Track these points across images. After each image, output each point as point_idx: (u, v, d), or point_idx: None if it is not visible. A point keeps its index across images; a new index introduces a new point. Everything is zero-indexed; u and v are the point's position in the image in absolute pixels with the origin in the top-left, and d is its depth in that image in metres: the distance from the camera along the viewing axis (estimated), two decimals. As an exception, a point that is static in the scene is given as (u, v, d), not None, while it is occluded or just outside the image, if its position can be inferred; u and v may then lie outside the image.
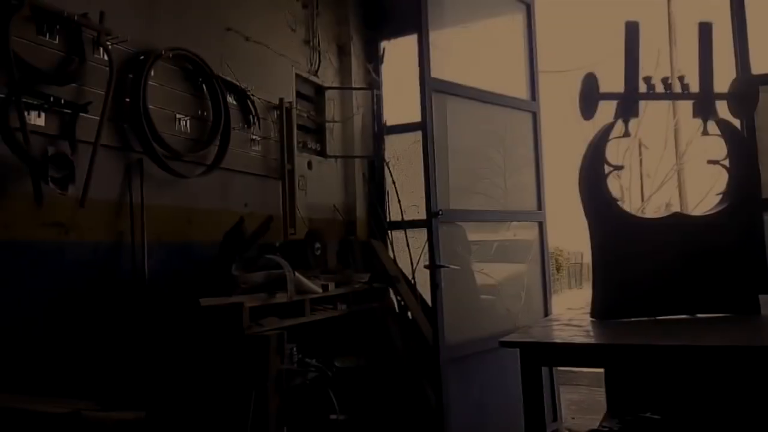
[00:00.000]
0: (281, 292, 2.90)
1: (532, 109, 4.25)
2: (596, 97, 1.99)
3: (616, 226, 1.95)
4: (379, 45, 5.00)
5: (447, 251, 3.62)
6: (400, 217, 4.80)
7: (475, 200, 4.17)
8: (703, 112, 2.02)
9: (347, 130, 4.77)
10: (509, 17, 4.34)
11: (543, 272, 4.24)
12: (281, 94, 3.99)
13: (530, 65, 4.28)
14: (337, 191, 4.65)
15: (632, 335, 1.72)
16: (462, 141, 4.04)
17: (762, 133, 3.67)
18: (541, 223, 4.25)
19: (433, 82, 3.55)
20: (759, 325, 1.80)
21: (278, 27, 4.14)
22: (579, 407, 4.69)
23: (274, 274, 2.91)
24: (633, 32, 1.99)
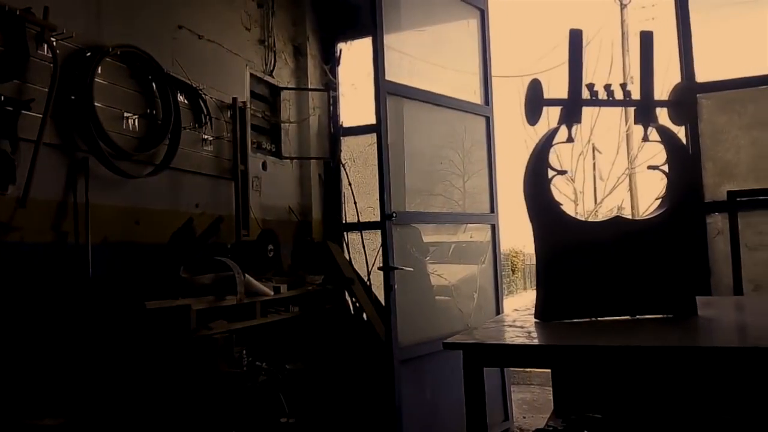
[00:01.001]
0: (231, 295, 2.87)
1: (485, 114, 4.31)
2: (541, 102, 2.03)
3: (559, 230, 1.99)
4: (336, 46, 4.99)
5: (401, 253, 3.64)
6: (356, 218, 4.80)
7: (434, 202, 4.20)
8: (644, 119, 2.08)
9: (303, 131, 4.75)
10: (464, 22, 4.39)
11: (495, 273, 4.30)
12: (235, 94, 3.95)
13: (484, 70, 4.34)
14: (292, 192, 4.62)
15: (571, 336, 1.75)
16: (420, 143, 4.07)
17: (705, 139, 3.82)
18: (493, 225, 4.31)
19: (388, 84, 3.57)
20: (693, 326, 1.86)
21: (233, 26, 4.09)
22: (531, 406, 4.77)
23: (223, 275, 2.87)
24: (576, 40, 2.03)
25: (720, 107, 3.79)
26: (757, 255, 3.64)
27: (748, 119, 3.77)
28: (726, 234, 3.63)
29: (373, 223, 4.58)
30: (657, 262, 1.99)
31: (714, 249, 3.71)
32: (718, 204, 3.70)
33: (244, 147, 3.93)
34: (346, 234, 4.88)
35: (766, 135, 3.73)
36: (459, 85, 4.26)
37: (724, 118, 3.78)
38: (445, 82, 4.14)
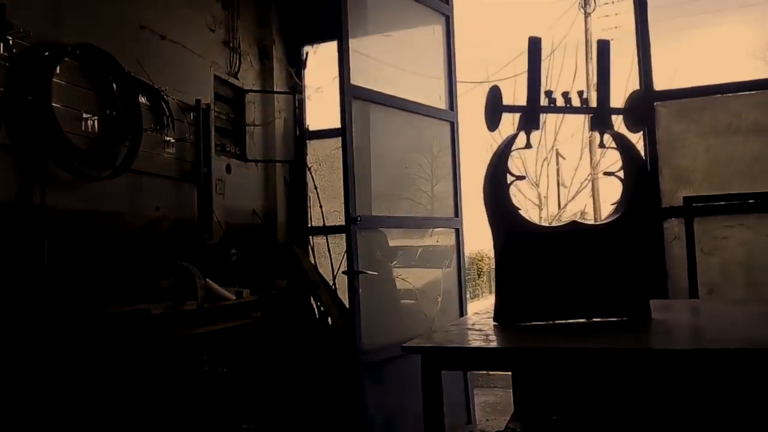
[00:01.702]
0: (190, 300, 2.83)
1: (450, 119, 4.35)
2: (500, 109, 2.06)
3: (517, 235, 2.01)
4: (302, 50, 4.98)
5: (366, 257, 3.64)
6: (322, 222, 4.80)
7: (402, 206, 4.22)
8: (600, 126, 2.13)
9: (268, 134, 4.72)
10: (430, 28, 4.42)
11: (459, 277, 4.33)
12: (198, 96, 3.90)
13: (449, 75, 4.38)
14: (257, 195, 4.59)
15: (527, 339, 1.78)
16: (388, 147, 4.09)
17: (662, 146, 3.92)
18: (457, 229, 4.35)
19: (353, 89, 3.58)
20: (646, 328, 1.91)
21: (197, 27, 4.05)
22: (494, 409, 4.82)
23: (182, 280, 2.83)
24: (535, 48, 2.07)
25: (677, 115, 3.90)
26: (711, 259, 3.75)
27: (704, 127, 3.88)
28: (682, 239, 3.73)
29: (339, 227, 4.58)
30: (612, 267, 2.03)
31: (671, 253, 3.81)
32: (675, 209, 3.80)
33: (208, 149, 3.89)
34: (311, 238, 4.87)
35: (721, 142, 3.85)
36: (424, 89, 4.29)
37: (681, 126, 3.89)
38: (411, 87, 4.17)
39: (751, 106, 3.82)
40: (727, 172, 3.80)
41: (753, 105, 3.82)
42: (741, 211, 3.72)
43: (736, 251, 3.74)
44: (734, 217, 3.74)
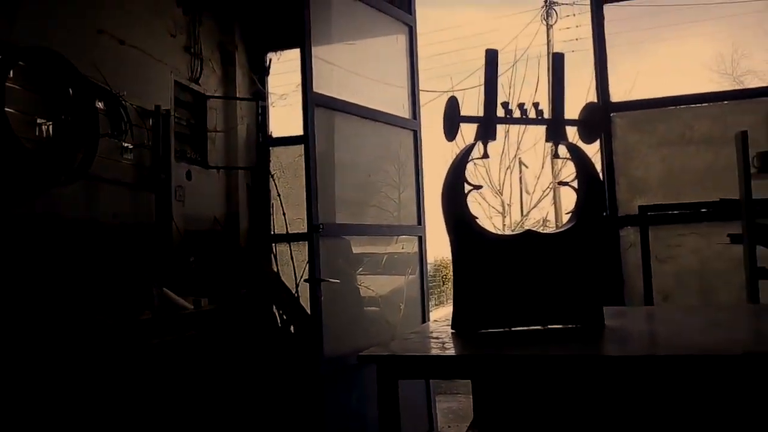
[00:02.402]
0: (146, 309, 2.78)
1: (413, 127, 4.38)
2: (457, 119, 2.08)
3: (474, 243, 2.04)
4: (266, 56, 4.96)
5: (330, 265, 3.64)
6: (285, 230, 4.77)
7: (369, 213, 4.23)
8: (555, 137, 2.17)
9: (231, 141, 4.68)
10: (393, 37, 4.46)
11: (422, 284, 4.36)
12: (158, 101, 3.85)
13: (412, 85, 4.42)
14: (218, 203, 4.54)
15: (482, 346, 1.80)
16: (354, 155, 4.09)
17: (618, 157, 4.02)
18: (420, 237, 4.38)
19: (317, 96, 3.58)
20: (599, 336, 1.95)
21: (157, 32, 4.00)
22: (456, 415, 4.84)
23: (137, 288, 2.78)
24: (492, 60, 2.10)
25: (633, 126, 4.01)
26: (666, 267, 3.85)
27: (659, 138, 4.00)
28: (638, 246, 3.82)
29: (302, 234, 4.55)
30: (565, 274, 2.07)
31: (627, 261, 3.90)
32: (631, 218, 3.90)
33: (167, 155, 3.83)
34: (274, 245, 4.84)
35: (675, 153, 3.97)
36: (388, 98, 4.32)
37: (637, 137, 4.00)
38: (375, 95, 4.19)
39: (702, 117, 3.95)
40: (680, 181, 3.92)
41: (704, 117, 3.95)
42: (694, 219, 3.84)
43: (689, 258, 3.85)
44: (687, 225, 3.85)
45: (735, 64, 15.32)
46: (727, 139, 3.74)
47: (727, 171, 3.74)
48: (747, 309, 3.09)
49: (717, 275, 3.77)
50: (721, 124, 3.93)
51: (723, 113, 4.00)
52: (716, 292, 3.78)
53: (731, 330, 2.11)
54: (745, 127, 3.69)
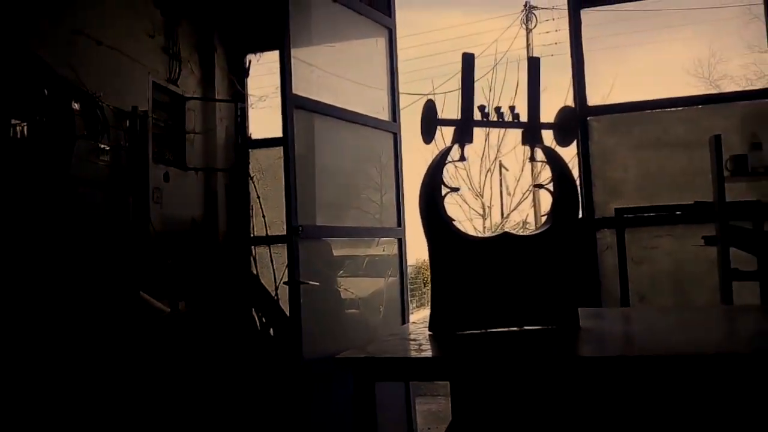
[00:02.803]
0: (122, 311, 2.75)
1: (392, 130, 4.39)
2: (434, 122, 2.09)
3: (450, 245, 2.05)
4: (245, 58, 4.94)
5: (309, 267, 3.62)
6: (265, 232, 4.75)
7: (351, 215, 4.23)
8: (531, 140, 2.19)
9: (209, 142, 4.66)
10: (373, 40, 4.46)
11: (401, 287, 4.37)
12: (136, 103, 3.82)
13: (391, 87, 4.43)
14: (197, 205, 4.51)
15: (458, 348, 1.81)
16: (335, 157, 4.09)
17: (595, 159, 4.06)
18: (400, 239, 4.38)
19: (296, 98, 3.57)
20: (573, 336, 1.97)
21: (135, 33, 3.97)
22: (436, 417, 4.86)
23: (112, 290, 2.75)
24: (468, 64, 2.12)
25: (609, 129, 4.05)
26: (642, 268, 3.90)
27: (634, 141, 4.06)
28: (614, 248, 3.87)
29: (282, 236, 4.54)
30: (541, 276, 2.09)
31: (603, 263, 3.95)
32: (607, 220, 3.94)
33: (144, 157, 3.80)
34: (253, 248, 4.81)
35: (650, 156, 4.03)
36: (368, 100, 4.32)
37: (613, 140, 4.05)
38: (356, 98, 4.19)
39: (677, 121, 4.02)
40: (656, 184, 3.98)
41: (679, 120, 4.01)
42: (669, 222, 3.89)
43: (664, 260, 3.90)
44: (663, 227, 3.91)
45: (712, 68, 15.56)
46: (702, 143, 3.80)
47: (701, 174, 3.80)
48: (720, 310, 3.14)
49: (692, 276, 3.83)
50: (696, 128, 3.99)
51: (698, 117, 4.07)
52: (691, 293, 3.84)
53: (704, 330, 2.15)
54: (720, 130, 3.76)
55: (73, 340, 2.48)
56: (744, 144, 3.90)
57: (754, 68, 6.09)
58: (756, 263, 3.34)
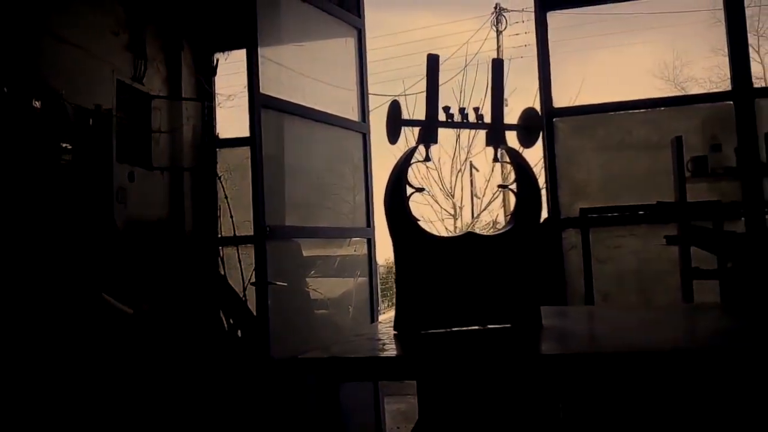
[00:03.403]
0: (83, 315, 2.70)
1: (362, 130, 4.39)
2: (400, 123, 2.10)
3: (415, 245, 2.06)
4: (213, 56, 4.89)
5: (278, 268, 3.61)
6: (233, 232, 4.71)
7: (324, 215, 4.22)
8: (494, 141, 2.22)
9: (176, 142, 4.60)
10: (342, 40, 4.46)
11: (371, 286, 4.38)
12: (99, 101, 3.75)
13: (361, 88, 4.43)
14: (163, 205, 4.45)
15: (421, 347, 1.82)
16: (306, 157, 4.07)
17: (561, 160, 4.12)
18: (369, 239, 4.39)
19: (264, 98, 3.55)
20: (536, 335, 2.00)
21: (99, 30, 3.90)
22: (405, 417, 4.87)
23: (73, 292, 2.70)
24: (433, 65, 2.13)
25: (574, 131, 4.12)
26: (606, 267, 3.97)
27: (599, 142, 4.13)
28: (579, 248, 3.93)
29: (250, 237, 4.50)
30: (504, 276, 2.11)
31: (569, 262, 4.01)
32: (572, 220, 4.00)
33: (108, 156, 3.74)
34: (221, 248, 4.77)
35: (614, 157, 4.10)
36: (338, 101, 4.32)
37: (578, 141, 4.11)
38: (325, 97, 4.19)
39: (640, 123, 4.10)
40: (620, 185, 4.05)
41: (642, 122, 4.10)
42: (632, 222, 3.97)
43: (628, 259, 3.98)
44: (626, 227, 3.98)
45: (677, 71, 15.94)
46: (665, 144, 3.89)
47: (664, 175, 3.89)
48: (681, 308, 3.21)
49: (654, 275, 3.91)
50: (659, 130, 4.08)
51: (661, 119, 4.16)
52: (653, 292, 3.92)
53: (664, 328, 2.19)
54: (682, 132, 3.85)
55: (33, 342, 2.43)
56: (705, 145, 3.99)
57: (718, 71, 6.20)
58: (716, 262, 3.43)
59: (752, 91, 3.99)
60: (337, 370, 1.66)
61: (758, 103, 3.96)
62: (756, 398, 1.74)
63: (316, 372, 1.64)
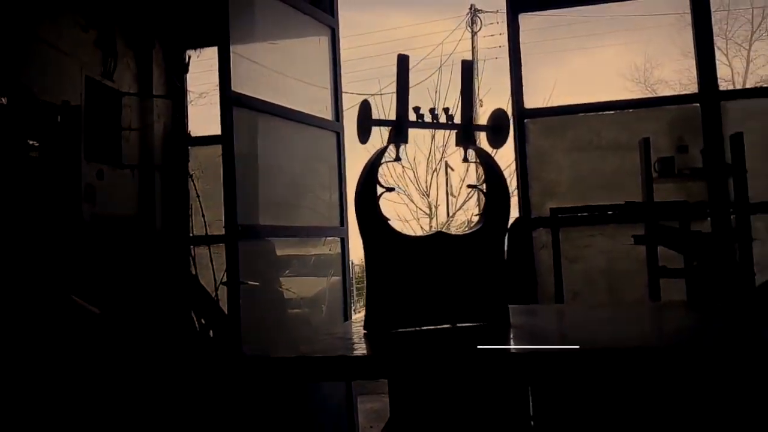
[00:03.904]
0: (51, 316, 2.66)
1: (336, 129, 4.39)
2: (370, 122, 2.11)
3: (385, 244, 2.07)
4: (185, 53, 4.84)
5: (251, 267, 3.58)
6: (204, 231, 4.67)
7: (300, 214, 4.20)
8: (464, 142, 2.24)
9: (147, 139, 4.54)
10: (316, 39, 4.45)
11: (344, 285, 4.38)
12: (68, 97, 3.69)
13: (334, 87, 4.43)
14: (133, 203, 4.39)
15: (390, 346, 1.83)
16: (279, 156, 4.04)
17: (531, 161, 4.17)
18: (343, 238, 4.39)
19: (236, 96, 3.52)
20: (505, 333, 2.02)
21: (67, 26, 3.83)
22: (378, 416, 4.89)
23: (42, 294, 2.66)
24: (403, 65, 2.14)
25: (545, 132, 4.17)
26: (575, 266, 4.03)
27: (569, 143, 4.19)
28: (549, 247, 3.98)
29: (222, 236, 4.46)
30: (472, 274, 2.13)
31: (540, 261, 4.06)
32: (543, 220, 4.06)
33: (77, 154, 3.68)
34: (193, 248, 4.72)
35: (584, 158, 4.16)
36: (312, 99, 4.31)
37: (549, 142, 4.16)
38: (299, 96, 4.17)
39: (609, 124, 4.17)
40: (589, 185, 4.12)
41: (611, 123, 4.17)
42: (601, 221, 4.04)
43: (597, 258, 4.04)
44: (596, 227, 4.05)
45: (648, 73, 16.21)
46: (633, 145, 3.96)
47: (632, 175, 3.95)
48: (648, 306, 3.27)
49: (622, 274, 3.98)
50: (628, 131, 4.15)
51: (629, 120, 4.23)
52: (622, 290, 3.99)
53: (630, 325, 2.23)
54: (649, 133, 3.92)
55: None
56: (672, 146, 4.07)
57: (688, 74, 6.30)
58: (682, 261, 3.50)
59: (718, 93, 4.09)
60: (305, 369, 1.66)
61: (724, 105, 4.06)
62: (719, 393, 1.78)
63: (285, 371, 1.64)
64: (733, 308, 2.52)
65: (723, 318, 2.21)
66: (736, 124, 3.94)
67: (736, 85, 16.14)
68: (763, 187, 3.89)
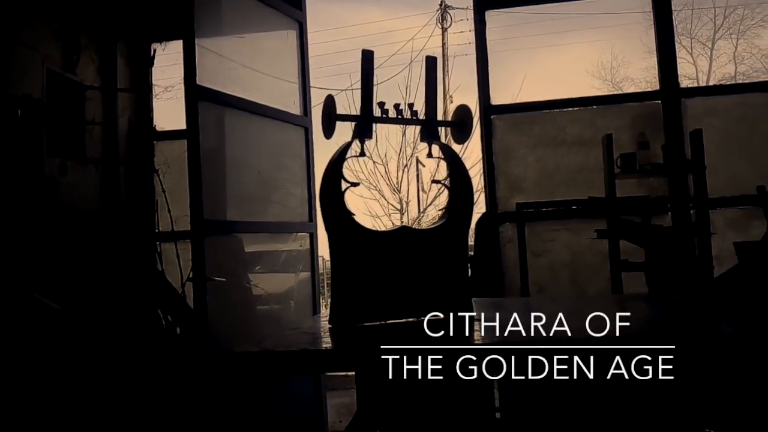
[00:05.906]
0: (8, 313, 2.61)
1: (304, 124, 4.38)
2: (334, 117, 2.12)
3: (350, 239, 2.08)
4: (150, 46, 4.77)
5: (218, 263, 3.55)
6: (170, 227, 4.61)
7: (271, 210, 4.17)
8: (429, 137, 2.26)
9: (111, 134, 4.46)
10: (284, 33, 4.42)
11: (313, 281, 4.38)
12: (29, 90, 3.61)
13: (302, 81, 4.41)
14: (96, 199, 4.31)
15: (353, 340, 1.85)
16: (248, 151, 4.01)
17: (498, 157, 4.22)
18: (312, 234, 4.38)
19: (201, 90, 3.49)
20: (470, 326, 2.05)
21: (27, 17, 3.74)
22: (348, 410, 4.90)
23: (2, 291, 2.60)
24: (368, 60, 2.15)
25: (511, 128, 4.23)
26: (540, 260, 4.10)
27: (535, 139, 4.25)
28: (515, 242, 4.04)
29: (188, 232, 4.42)
30: (436, 268, 2.16)
31: (506, 255, 4.11)
32: (509, 215, 4.11)
33: (39, 148, 3.60)
34: (159, 244, 4.66)
35: (549, 154, 4.23)
36: (280, 94, 4.29)
37: (515, 138, 4.22)
38: (267, 90, 4.14)
39: (574, 120, 4.24)
40: (554, 180, 4.19)
41: (575, 120, 4.24)
42: (565, 216, 4.11)
43: (561, 252, 4.12)
44: (560, 221, 4.12)
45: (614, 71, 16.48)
46: (597, 141, 4.04)
47: (596, 171, 4.04)
48: (610, 298, 3.35)
49: (586, 268, 4.06)
50: (592, 127, 4.23)
51: (593, 117, 4.31)
52: (586, 283, 4.07)
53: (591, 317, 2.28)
54: (613, 130, 4.01)
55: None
56: (634, 143, 4.16)
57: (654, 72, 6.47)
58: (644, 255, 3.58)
59: (679, 90, 4.19)
60: (269, 364, 1.66)
61: (684, 102, 4.16)
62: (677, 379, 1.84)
63: (248, 366, 1.64)
64: (692, 300, 2.60)
65: (682, 309, 2.27)
66: (696, 121, 4.04)
67: (700, 83, 16.52)
68: (722, 183, 4.00)
